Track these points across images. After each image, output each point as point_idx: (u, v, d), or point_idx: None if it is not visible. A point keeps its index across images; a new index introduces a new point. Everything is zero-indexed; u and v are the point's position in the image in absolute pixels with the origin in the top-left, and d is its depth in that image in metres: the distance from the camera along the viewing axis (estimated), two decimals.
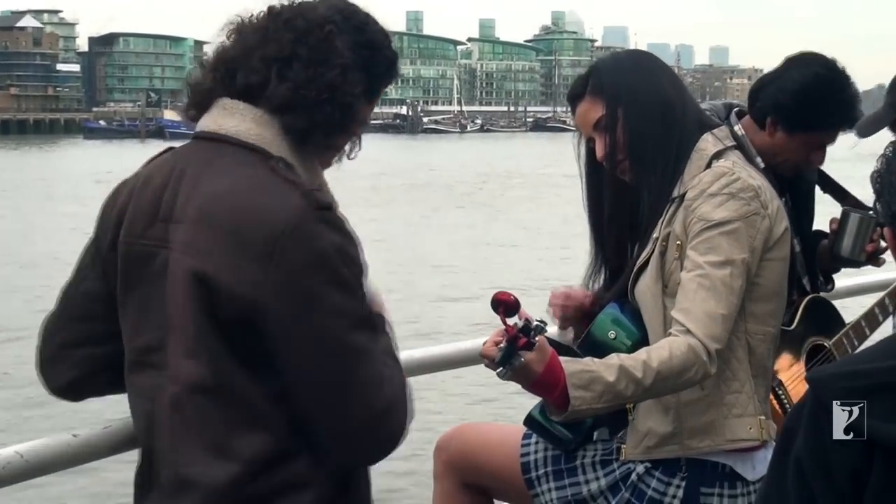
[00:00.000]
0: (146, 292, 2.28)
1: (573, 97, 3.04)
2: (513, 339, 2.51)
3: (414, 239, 31.39)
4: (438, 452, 3.25)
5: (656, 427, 2.88)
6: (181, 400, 2.21)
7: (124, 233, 2.33)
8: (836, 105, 3.44)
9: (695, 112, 3.01)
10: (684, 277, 2.79)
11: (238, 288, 2.14)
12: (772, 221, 2.85)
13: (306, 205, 2.18)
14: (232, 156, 2.28)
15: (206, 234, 2.19)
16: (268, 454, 2.19)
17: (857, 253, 3.80)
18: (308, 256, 2.15)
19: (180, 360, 2.21)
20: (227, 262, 2.15)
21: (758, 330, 2.88)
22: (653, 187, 2.91)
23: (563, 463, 3.04)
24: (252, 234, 2.15)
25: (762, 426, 2.87)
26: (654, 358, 2.69)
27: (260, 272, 2.13)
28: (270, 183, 2.21)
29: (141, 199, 2.33)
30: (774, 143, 3.50)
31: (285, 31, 2.33)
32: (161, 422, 2.25)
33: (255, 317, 2.15)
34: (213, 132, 2.33)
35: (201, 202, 2.23)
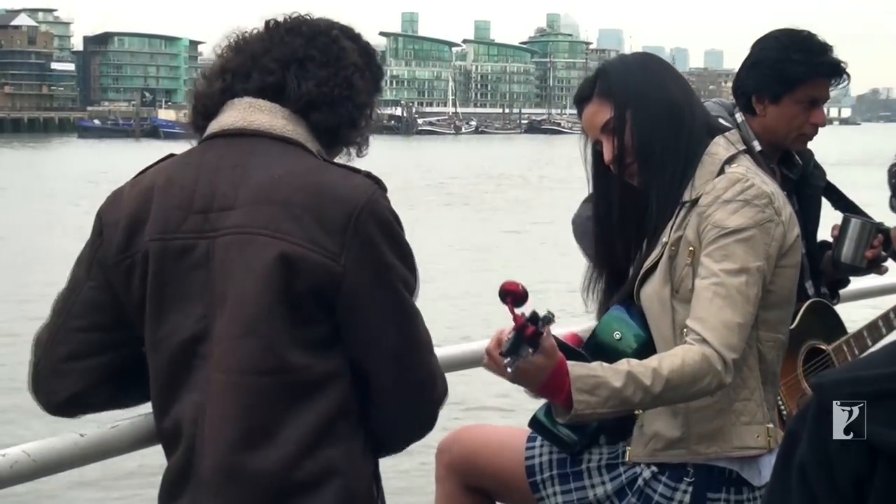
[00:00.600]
0: (184, 285, 2.31)
1: (580, 99, 3.02)
2: (521, 329, 2.49)
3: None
4: (440, 455, 3.23)
5: (664, 431, 2.86)
6: (234, 385, 2.26)
7: (154, 230, 2.33)
8: (804, 53, 3.59)
9: (703, 115, 3.00)
10: (699, 285, 2.77)
11: (315, 261, 2.26)
12: (785, 228, 2.84)
13: (373, 184, 2.34)
14: (272, 147, 2.36)
15: (274, 214, 2.28)
16: (316, 436, 2.27)
17: (858, 259, 3.81)
18: (381, 230, 2.31)
19: (233, 343, 2.26)
20: (303, 236, 2.26)
21: (769, 337, 2.86)
22: (661, 191, 2.90)
23: (568, 466, 3.02)
24: (328, 210, 2.27)
25: (770, 434, 2.86)
26: (665, 366, 2.66)
27: (337, 245, 2.26)
28: (328, 167, 2.37)
29: (166, 198, 2.35)
30: (769, 120, 3.61)
31: (292, 36, 2.44)
32: (210, 411, 2.27)
33: (329, 288, 2.27)
34: (242, 128, 2.38)
35: (260, 186, 2.31)
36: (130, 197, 2.39)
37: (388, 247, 2.32)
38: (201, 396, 2.29)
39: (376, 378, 2.36)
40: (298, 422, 2.27)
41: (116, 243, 2.36)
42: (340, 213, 2.28)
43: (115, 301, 2.38)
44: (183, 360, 2.32)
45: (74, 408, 2.47)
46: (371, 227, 2.29)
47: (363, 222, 2.28)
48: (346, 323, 2.31)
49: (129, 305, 2.37)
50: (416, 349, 2.38)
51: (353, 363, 2.34)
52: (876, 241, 3.84)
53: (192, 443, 2.30)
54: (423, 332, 2.39)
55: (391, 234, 2.33)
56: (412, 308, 2.37)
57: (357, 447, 2.35)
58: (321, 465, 2.27)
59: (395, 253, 2.33)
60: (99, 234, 2.41)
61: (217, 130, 2.40)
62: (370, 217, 2.29)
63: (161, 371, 2.35)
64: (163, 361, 2.34)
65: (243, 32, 2.47)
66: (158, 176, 2.40)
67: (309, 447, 2.27)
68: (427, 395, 2.42)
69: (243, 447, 2.25)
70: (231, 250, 2.28)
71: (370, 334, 2.33)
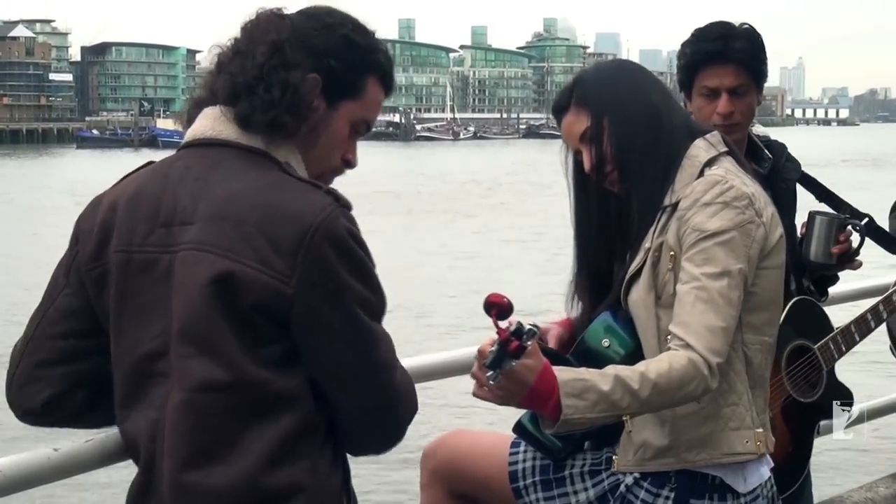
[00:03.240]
0: (146, 299, 2.28)
1: (558, 110, 3.00)
2: (504, 343, 2.44)
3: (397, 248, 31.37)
4: (425, 461, 3.21)
5: (652, 439, 2.83)
6: (189, 402, 2.21)
7: (118, 243, 2.31)
8: (692, 44, 3.62)
9: (683, 118, 2.97)
10: (681, 290, 2.74)
11: (264, 282, 2.19)
12: (767, 229, 2.80)
13: (333, 202, 2.25)
14: (237, 159, 2.31)
15: (226, 232, 2.22)
16: (278, 451, 2.22)
17: (826, 256, 3.79)
18: (336, 250, 2.22)
19: (189, 361, 2.22)
20: (253, 256, 2.19)
21: (755, 340, 2.83)
22: (642, 197, 2.87)
23: (551, 473, 3.00)
24: (280, 230, 2.20)
25: (759, 439, 2.82)
26: (653, 370, 2.63)
27: (288, 266, 2.19)
28: (289, 182, 2.29)
29: (135, 209, 2.32)
30: (694, 112, 3.57)
31: (251, 43, 2.38)
32: (166, 428, 2.23)
33: (281, 309, 2.20)
34: (211, 138, 2.35)
35: (216, 202, 2.25)
36: (104, 206, 2.37)
37: (344, 267, 2.24)
38: (159, 413, 2.25)
39: (335, 399, 2.31)
40: (259, 438, 2.22)
41: (89, 252, 2.35)
42: (293, 232, 2.21)
43: (90, 308, 2.36)
44: (142, 375, 2.29)
45: (49, 415, 2.42)
46: (325, 247, 2.21)
47: (317, 242, 2.21)
48: (300, 344, 2.25)
49: (101, 314, 2.35)
50: (376, 372, 2.31)
51: (314, 382, 2.29)
52: (843, 236, 3.81)
53: (151, 460, 2.28)
54: (383, 353, 2.32)
55: (348, 253, 2.25)
56: (371, 330, 2.29)
57: (323, 462, 2.30)
58: (283, 481, 2.23)
59: (352, 273, 2.25)
60: (76, 242, 2.39)
61: (189, 140, 2.39)
62: (324, 237, 2.21)
63: (121, 386, 2.33)
64: (123, 376, 2.32)
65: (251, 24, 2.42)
66: (130, 186, 2.38)
67: (270, 463, 2.22)
68: (389, 415, 2.37)
69: (201, 464, 2.21)
70: (184, 266, 2.24)
71: (326, 357, 2.27)
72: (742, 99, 3.59)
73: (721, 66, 3.55)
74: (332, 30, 2.40)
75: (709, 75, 3.56)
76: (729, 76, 3.56)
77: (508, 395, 2.56)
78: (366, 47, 2.43)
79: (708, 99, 3.57)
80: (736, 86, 3.58)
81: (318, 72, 2.36)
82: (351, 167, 2.49)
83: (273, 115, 2.31)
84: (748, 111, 3.64)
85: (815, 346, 3.68)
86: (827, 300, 4.02)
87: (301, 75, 2.34)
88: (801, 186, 3.93)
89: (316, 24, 2.40)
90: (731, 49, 3.55)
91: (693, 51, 3.57)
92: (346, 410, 2.32)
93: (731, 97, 3.57)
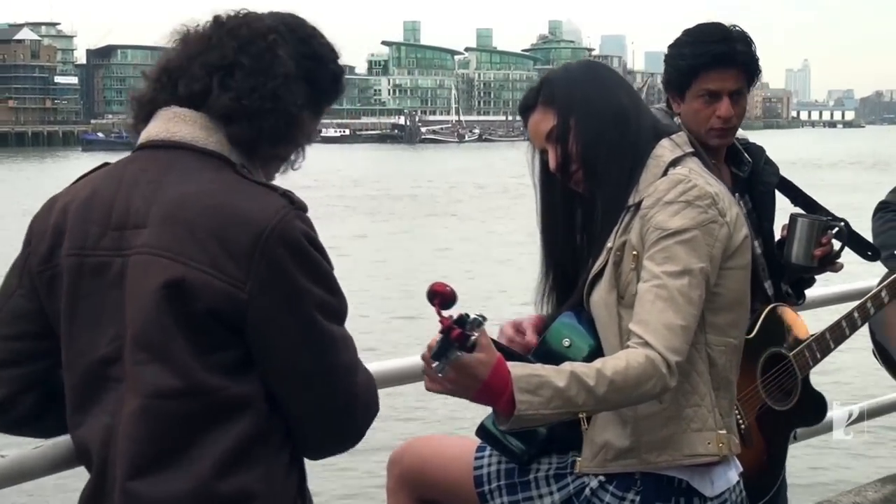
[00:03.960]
0: (99, 303, 2.25)
1: (524, 109, 2.97)
2: (446, 331, 2.40)
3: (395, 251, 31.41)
4: (392, 466, 3.18)
5: (613, 440, 2.80)
6: (145, 409, 2.18)
7: (71, 246, 2.28)
8: (693, 46, 3.56)
9: (650, 120, 2.94)
10: (641, 288, 2.71)
11: (217, 287, 2.16)
12: (731, 229, 2.77)
13: (287, 204, 2.23)
14: (192, 161, 2.28)
15: (178, 236, 2.19)
16: (231, 458, 2.20)
17: (808, 258, 3.76)
18: (291, 253, 2.19)
19: (143, 367, 2.18)
20: (206, 261, 2.17)
21: (718, 341, 2.79)
22: (607, 197, 2.84)
23: (516, 476, 2.96)
24: (234, 234, 2.18)
25: (721, 441, 2.78)
26: (609, 367, 2.60)
27: (242, 271, 2.17)
28: (244, 184, 2.26)
29: (88, 212, 2.29)
30: (683, 118, 3.61)
31: (228, 39, 2.34)
32: (119, 435, 2.20)
33: (234, 315, 2.18)
34: (165, 140, 2.31)
35: (169, 205, 2.22)
36: (57, 208, 2.34)
37: (299, 271, 2.21)
38: (112, 419, 2.22)
39: (292, 404, 2.28)
40: (212, 445, 2.19)
41: (41, 254, 2.32)
42: (247, 236, 2.18)
43: (42, 311, 2.33)
44: (95, 380, 2.26)
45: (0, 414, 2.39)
46: (279, 250, 2.18)
47: (271, 246, 2.18)
48: (256, 350, 2.23)
49: (52, 317, 2.32)
50: (334, 376, 2.28)
51: (269, 388, 2.26)
52: (825, 238, 3.78)
53: (104, 466, 2.24)
54: (343, 356, 2.29)
55: (303, 256, 2.22)
56: (329, 333, 2.26)
57: (278, 469, 2.28)
58: (236, 487, 2.20)
59: (308, 277, 2.22)
60: (28, 244, 2.36)
61: (143, 141, 2.35)
62: (279, 240, 2.18)
63: (73, 390, 2.30)
64: (75, 381, 2.29)
65: (195, 26, 2.39)
66: (84, 188, 2.35)
67: (223, 470, 2.19)
68: (348, 419, 2.34)
69: (154, 471, 2.18)
70: (137, 270, 2.21)
71: (282, 362, 2.24)
72: (739, 102, 3.57)
73: (724, 69, 3.52)
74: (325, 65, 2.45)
75: (712, 78, 3.51)
76: (731, 79, 3.54)
77: (460, 388, 2.52)
78: (336, 76, 2.51)
79: (707, 102, 3.54)
80: (737, 89, 3.56)
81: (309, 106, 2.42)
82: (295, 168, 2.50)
83: (278, 147, 2.39)
84: (743, 114, 3.63)
85: (791, 353, 3.65)
86: (804, 303, 3.99)
87: (304, 112, 2.40)
88: (778, 191, 3.90)
89: (306, 51, 2.42)
90: (735, 52, 3.52)
91: (697, 53, 3.51)
92: (304, 415, 2.29)
93: (731, 100, 3.55)
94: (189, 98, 2.32)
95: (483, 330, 2.49)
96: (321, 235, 2.29)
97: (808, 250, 3.77)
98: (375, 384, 2.42)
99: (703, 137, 3.58)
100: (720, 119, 3.55)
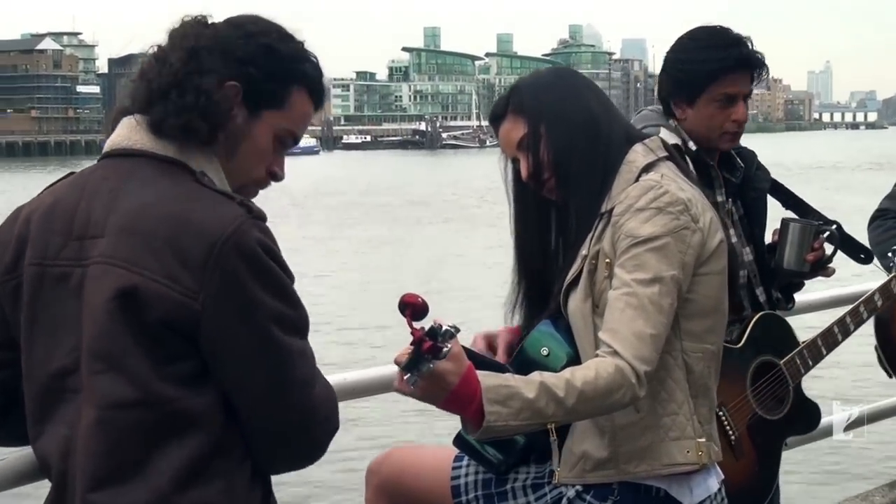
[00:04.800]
0: (59, 314, 2.23)
1: (495, 118, 2.94)
2: (418, 343, 2.38)
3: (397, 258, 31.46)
4: (370, 476, 3.15)
5: (591, 451, 2.76)
6: (101, 421, 2.15)
7: (32, 255, 2.26)
8: (710, 50, 3.52)
9: (622, 125, 2.90)
10: (611, 296, 2.68)
11: (171, 297, 2.13)
12: (704, 235, 2.73)
13: (244, 213, 2.18)
14: (151, 169, 2.25)
15: (134, 245, 2.16)
16: (189, 471, 2.16)
17: (800, 263, 3.72)
18: (246, 264, 2.15)
19: (98, 378, 2.16)
20: (160, 271, 2.13)
21: (695, 348, 2.75)
22: (580, 204, 2.81)
23: (493, 487, 2.94)
24: (188, 243, 2.14)
25: (700, 449, 2.74)
26: (579, 377, 2.57)
27: (196, 282, 2.13)
28: (201, 193, 2.22)
29: (50, 221, 2.27)
30: (690, 123, 3.57)
31: (167, 39, 2.34)
32: (78, 447, 2.18)
33: (189, 325, 2.14)
34: (126, 148, 2.29)
35: (126, 214, 2.19)
36: (22, 217, 2.33)
37: (254, 282, 2.16)
38: (70, 431, 2.20)
39: (247, 416, 2.23)
40: (170, 457, 2.15)
41: (5, 264, 2.30)
42: (201, 246, 2.13)
43: (6, 320, 2.31)
44: (53, 391, 2.23)
45: None
46: (234, 260, 2.14)
47: (225, 256, 2.13)
48: (210, 361, 2.19)
49: (14, 327, 2.30)
50: (290, 389, 2.23)
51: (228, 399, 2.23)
52: (817, 242, 3.74)
53: (64, 479, 2.22)
54: (299, 370, 2.24)
55: (258, 267, 2.17)
56: (285, 346, 2.21)
57: (241, 481, 2.24)
58: (195, 501, 2.16)
59: (263, 288, 2.17)
60: None
61: (107, 150, 2.34)
62: (233, 250, 2.14)
63: (33, 401, 2.28)
64: (35, 392, 2.27)
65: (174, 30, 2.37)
66: (48, 198, 2.34)
67: (181, 483, 2.15)
68: (305, 434, 2.29)
69: (111, 483, 2.15)
70: (93, 281, 2.19)
71: (236, 374, 2.20)
72: (746, 104, 3.57)
73: (742, 73, 3.51)
74: (254, 38, 2.33)
75: (730, 82, 3.49)
76: (746, 82, 3.53)
77: (428, 395, 2.49)
78: (290, 56, 2.36)
79: (722, 106, 3.51)
80: (749, 91, 3.56)
81: (238, 79, 2.30)
82: (277, 180, 2.42)
83: (185, 119, 2.25)
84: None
85: (781, 361, 3.60)
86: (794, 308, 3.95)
87: (216, 81, 2.27)
88: (770, 195, 3.86)
89: (239, 33, 2.34)
90: (752, 55, 3.52)
91: (718, 57, 3.47)
92: (259, 428, 2.25)
93: (743, 103, 3.55)
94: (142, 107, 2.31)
95: (455, 339, 2.46)
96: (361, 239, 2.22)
97: (800, 255, 3.73)
98: (336, 398, 2.37)
99: (713, 142, 3.57)
100: (736, 123, 3.54)
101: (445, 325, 2.41)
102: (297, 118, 2.39)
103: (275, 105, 2.35)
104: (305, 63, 2.39)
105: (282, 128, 2.37)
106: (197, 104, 2.25)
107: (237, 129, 2.32)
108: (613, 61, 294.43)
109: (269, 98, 2.34)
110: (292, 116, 2.38)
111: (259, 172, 2.39)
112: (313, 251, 30.72)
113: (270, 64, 2.33)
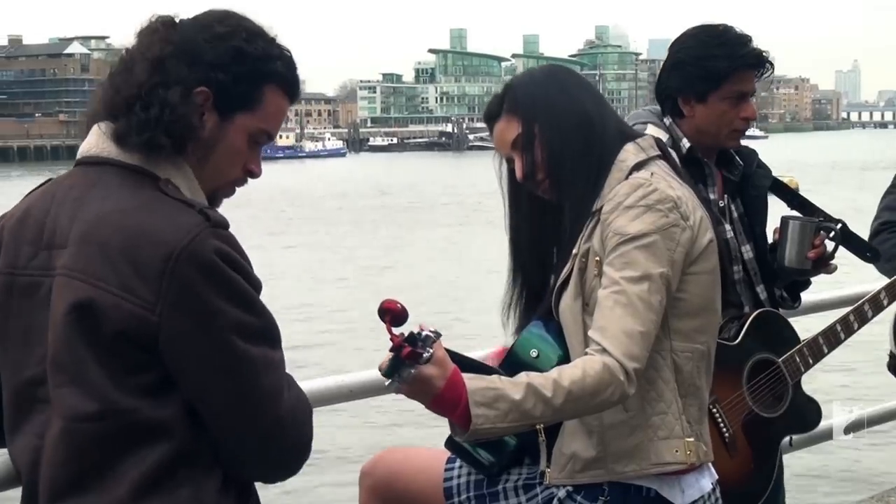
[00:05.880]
0: (29, 324, 2.22)
1: (489, 118, 2.93)
2: (397, 349, 2.38)
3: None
4: (363, 478, 3.14)
5: (581, 451, 2.75)
6: (66, 432, 2.15)
7: (4, 264, 2.27)
8: (724, 48, 3.52)
9: (616, 124, 2.89)
10: (600, 294, 2.66)
11: (127, 309, 2.10)
12: (694, 233, 2.71)
13: (202, 222, 2.15)
14: (115, 177, 2.23)
15: (91, 256, 2.14)
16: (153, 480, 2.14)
17: (801, 261, 3.70)
18: (203, 273, 2.12)
19: (62, 390, 2.15)
20: (116, 283, 2.11)
21: (684, 347, 2.74)
22: (574, 203, 2.80)
23: (485, 488, 2.93)
24: (145, 254, 2.12)
25: (689, 448, 2.73)
26: (566, 377, 2.55)
27: (153, 293, 2.10)
28: (161, 202, 2.18)
29: (21, 230, 2.27)
30: (699, 120, 3.56)
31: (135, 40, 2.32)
32: (45, 457, 2.18)
33: (147, 337, 2.12)
34: (94, 156, 2.28)
35: (86, 224, 2.18)
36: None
37: (212, 291, 2.12)
38: (40, 441, 2.19)
39: (214, 427, 2.20)
40: (132, 467, 2.14)
41: None
42: (157, 257, 2.11)
43: None
44: (25, 401, 2.23)
45: None
46: (191, 271, 2.11)
47: (181, 266, 2.10)
48: (174, 372, 2.16)
49: None
50: (255, 400, 2.19)
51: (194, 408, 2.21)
52: (818, 240, 3.71)
53: (34, 487, 2.22)
54: (264, 379, 2.20)
55: (217, 276, 2.13)
56: (247, 356, 2.17)
57: (209, 489, 2.21)
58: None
59: (222, 297, 2.13)
60: None
61: (78, 157, 2.33)
62: (190, 260, 2.11)
63: (8, 408, 2.28)
64: (8, 400, 2.27)
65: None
66: (21, 206, 2.34)
67: (141, 492, 2.14)
68: (273, 444, 2.25)
69: (73, 494, 2.15)
70: (56, 292, 2.18)
71: (198, 385, 2.17)
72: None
73: (752, 70, 3.55)
74: (222, 40, 2.29)
75: (744, 79, 3.52)
76: (751, 81, 3.57)
77: (414, 398, 2.50)
78: (259, 56, 2.31)
79: (734, 103, 3.53)
80: (755, 89, 3.59)
81: (208, 85, 2.27)
82: (254, 177, 2.40)
83: (148, 135, 2.22)
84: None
85: (780, 359, 3.57)
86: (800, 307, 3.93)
87: (183, 93, 2.24)
88: (773, 194, 3.84)
89: (206, 35, 2.29)
90: (763, 53, 3.55)
91: (738, 54, 3.50)
92: (227, 438, 2.22)
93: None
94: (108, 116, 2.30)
95: (438, 343, 2.46)
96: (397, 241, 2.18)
97: (801, 252, 3.71)
98: (310, 406, 2.35)
99: (721, 140, 3.58)
100: (745, 120, 3.56)
101: (426, 331, 2.42)
102: (271, 116, 2.36)
103: (247, 107, 2.32)
104: (276, 61, 2.35)
105: (255, 128, 2.34)
106: (161, 119, 2.22)
107: (209, 135, 2.29)
108: (640, 61, 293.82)
109: (241, 101, 2.31)
110: (265, 116, 2.35)
111: (235, 173, 2.37)
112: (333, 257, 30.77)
113: (240, 67, 2.29)
